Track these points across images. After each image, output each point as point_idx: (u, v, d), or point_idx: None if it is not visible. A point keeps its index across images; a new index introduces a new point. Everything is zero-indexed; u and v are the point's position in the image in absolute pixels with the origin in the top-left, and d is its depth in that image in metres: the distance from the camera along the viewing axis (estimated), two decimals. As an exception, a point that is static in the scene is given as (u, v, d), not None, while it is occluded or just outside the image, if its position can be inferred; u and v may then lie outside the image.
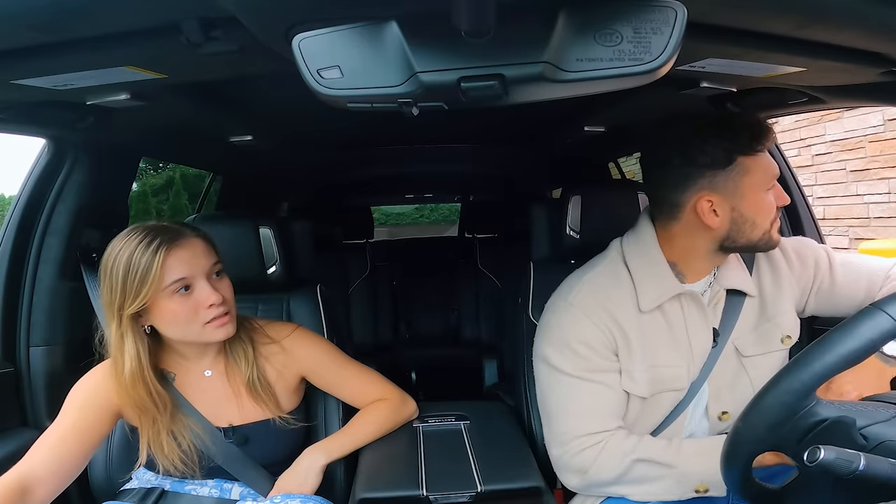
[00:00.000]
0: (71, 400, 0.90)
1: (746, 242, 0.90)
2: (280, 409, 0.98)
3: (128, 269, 0.82)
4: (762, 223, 0.88)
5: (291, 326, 1.04)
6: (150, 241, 0.83)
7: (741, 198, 0.87)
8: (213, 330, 0.88)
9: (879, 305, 0.58)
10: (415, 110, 0.54)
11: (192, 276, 0.86)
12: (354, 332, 2.49)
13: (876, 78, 0.82)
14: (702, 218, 0.89)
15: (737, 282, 0.96)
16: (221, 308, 0.88)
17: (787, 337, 0.96)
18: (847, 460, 0.55)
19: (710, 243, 0.92)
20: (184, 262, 0.85)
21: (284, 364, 1.00)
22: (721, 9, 0.61)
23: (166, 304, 0.84)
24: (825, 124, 3.74)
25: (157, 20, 0.60)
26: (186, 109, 1.08)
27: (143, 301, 0.83)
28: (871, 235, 3.49)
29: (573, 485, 0.94)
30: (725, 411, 0.94)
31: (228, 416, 0.96)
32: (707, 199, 0.88)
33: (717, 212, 0.88)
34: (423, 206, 9.15)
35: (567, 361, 0.93)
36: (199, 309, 0.86)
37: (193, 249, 0.87)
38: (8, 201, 8.21)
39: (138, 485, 0.97)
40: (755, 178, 0.87)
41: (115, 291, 0.83)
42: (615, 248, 1.00)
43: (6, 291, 1.13)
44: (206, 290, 0.86)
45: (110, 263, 0.84)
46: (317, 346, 1.04)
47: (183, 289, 0.85)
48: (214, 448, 0.93)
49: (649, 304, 0.92)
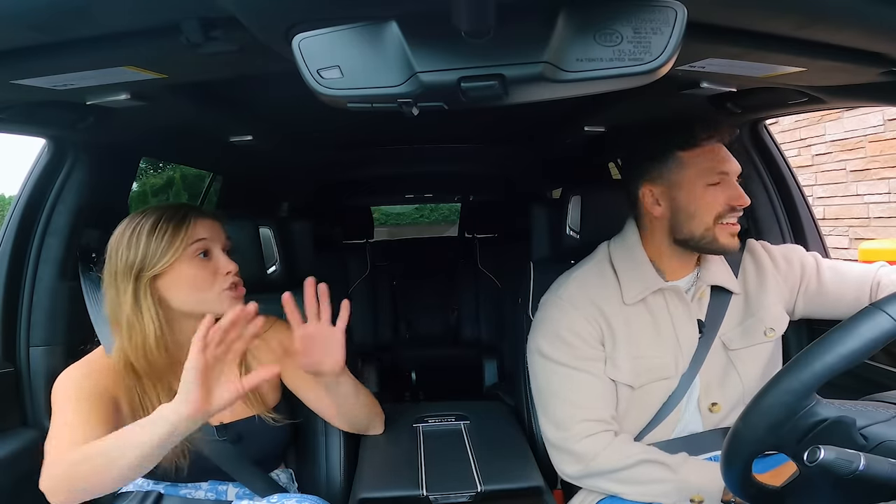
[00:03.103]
0: (66, 395, 0.83)
1: (689, 235, 0.95)
2: (266, 405, 0.97)
3: (154, 230, 0.85)
4: (703, 216, 0.93)
5: (271, 320, 1.02)
6: (178, 209, 0.89)
7: (679, 188, 0.95)
8: (229, 299, 0.90)
9: (879, 305, 0.58)
10: (415, 110, 0.54)
11: (213, 242, 0.91)
12: (354, 332, 2.49)
13: (876, 78, 0.82)
14: (647, 207, 0.98)
15: (719, 279, 1.02)
16: (237, 278, 0.92)
17: (770, 330, 1.01)
18: (847, 460, 0.55)
19: (663, 235, 0.99)
20: (208, 228, 0.91)
21: (266, 358, 0.99)
22: (721, 9, 0.61)
23: (186, 268, 0.87)
24: (825, 124, 3.74)
25: (157, 20, 0.60)
26: (186, 109, 1.08)
27: (171, 258, 0.85)
28: (871, 235, 3.49)
29: (570, 471, 0.95)
30: (715, 402, 0.98)
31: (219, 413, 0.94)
32: (649, 188, 0.98)
33: (660, 201, 0.97)
34: (423, 206, 9.13)
35: (558, 351, 0.98)
36: (218, 275, 0.90)
37: (214, 223, 0.93)
38: (8, 201, 8.21)
39: (134, 488, 0.96)
40: (692, 172, 0.94)
41: (134, 257, 0.85)
42: (602, 250, 1.07)
43: (6, 291, 1.13)
44: (224, 258, 0.91)
45: (129, 231, 0.87)
46: (290, 339, 0.99)
47: (202, 254, 0.89)
48: (209, 446, 0.92)
49: (633, 298, 0.99)
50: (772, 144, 1.40)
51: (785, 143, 3.93)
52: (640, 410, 0.98)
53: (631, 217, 1.05)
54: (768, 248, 1.08)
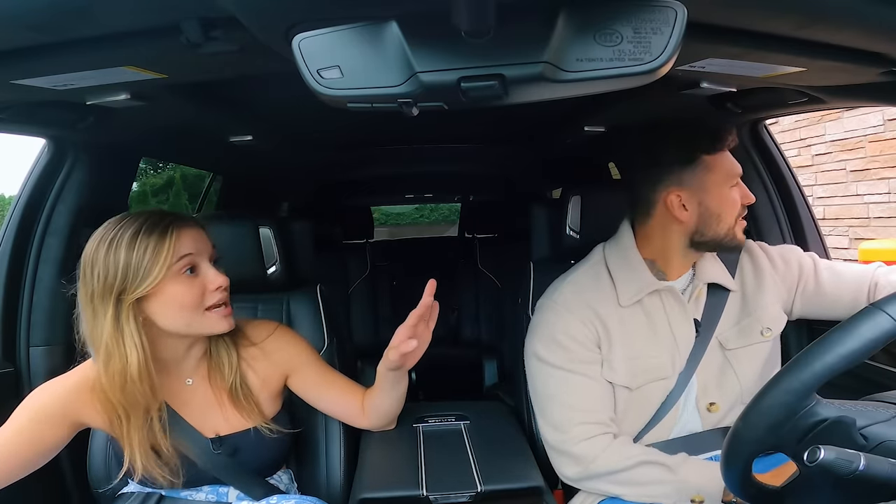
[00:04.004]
0: (27, 406, 0.84)
1: (713, 237, 0.96)
2: (264, 416, 0.93)
3: (132, 249, 0.77)
4: (727, 218, 0.95)
5: (272, 326, 0.99)
6: (157, 221, 0.80)
7: (706, 192, 0.95)
8: (217, 319, 0.85)
9: (879, 305, 0.58)
10: (415, 110, 0.54)
11: (200, 256, 0.84)
12: (354, 332, 2.49)
13: (876, 78, 0.82)
14: (672, 212, 0.96)
15: (715, 276, 1.02)
16: (226, 294, 0.86)
17: (767, 329, 1.01)
18: (847, 460, 0.54)
19: (682, 238, 0.98)
20: (193, 239, 0.83)
21: (266, 369, 0.96)
22: (721, 9, 0.61)
23: (172, 287, 0.80)
24: (825, 124, 3.74)
25: (157, 20, 0.60)
26: (186, 109, 1.08)
27: (156, 279, 0.78)
28: (871, 235, 3.49)
29: (570, 474, 0.96)
30: (713, 402, 0.98)
31: (214, 425, 0.92)
32: (676, 193, 0.96)
33: (686, 206, 0.96)
34: (423, 206, 9.13)
35: (554, 354, 0.98)
36: (206, 291, 0.83)
37: (198, 232, 0.86)
38: (8, 201, 8.20)
39: (136, 489, 0.96)
40: (718, 175, 0.95)
41: (114, 276, 0.77)
42: (598, 253, 1.07)
43: (6, 291, 1.13)
44: (212, 272, 0.84)
45: (103, 250, 0.78)
46: (298, 345, 0.99)
47: (189, 270, 0.82)
48: (204, 458, 0.90)
49: (628, 300, 0.99)
50: (772, 144, 1.40)
51: (785, 143, 3.92)
52: (638, 411, 0.98)
53: (626, 219, 1.05)
54: (766, 248, 1.09)
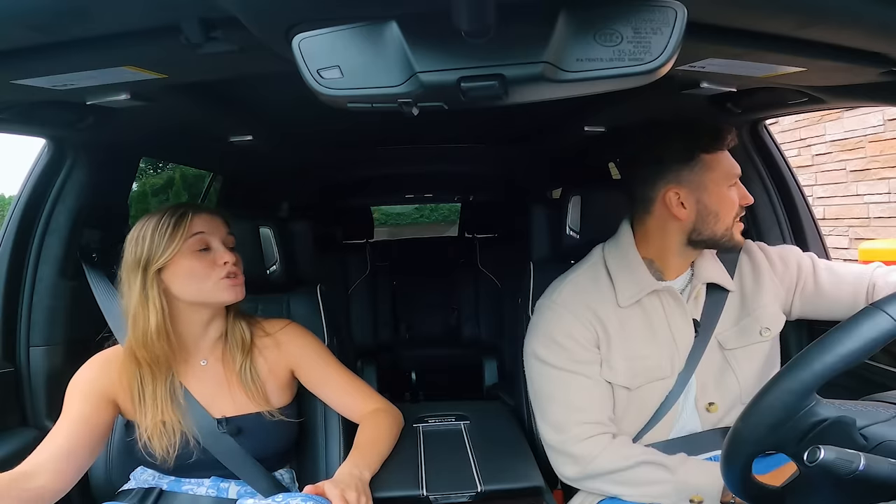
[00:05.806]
0: (73, 391, 0.93)
1: (711, 235, 0.97)
2: (269, 403, 1.00)
3: (157, 228, 0.93)
4: (725, 217, 0.96)
5: (284, 321, 1.08)
6: (178, 208, 0.96)
7: (704, 191, 0.95)
8: (227, 287, 0.95)
9: (879, 305, 0.58)
10: (415, 110, 0.54)
11: (212, 236, 0.96)
12: (354, 332, 2.49)
13: (876, 78, 0.82)
14: (671, 209, 0.97)
15: (714, 276, 1.02)
16: (235, 268, 0.96)
17: (765, 329, 1.01)
18: (847, 460, 0.54)
19: (680, 236, 0.99)
20: (206, 222, 0.96)
21: (276, 359, 1.03)
22: (721, 9, 0.61)
23: (186, 260, 0.93)
24: (825, 124, 3.74)
25: (157, 20, 0.60)
26: (187, 109, 1.08)
27: (172, 252, 0.92)
28: (871, 235, 3.49)
29: (569, 474, 0.96)
30: (712, 402, 0.98)
31: (222, 406, 0.97)
32: (674, 191, 0.96)
33: (685, 203, 0.96)
34: (423, 206, 9.13)
35: (553, 355, 0.98)
36: (215, 265, 0.95)
37: (215, 218, 0.99)
38: (8, 201, 8.20)
39: (136, 485, 0.97)
40: (717, 174, 0.95)
41: (143, 249, 0.92)
42: (597, 253, 1.07)
43: (6, 291, 1.13)
44: (221, 249, 0.96)
45: (138, 229, 0.94)
46: (306, 340, 1.06)
47: (202, 249, 0.95)
48: (210, 439, 0.94)
49: (627, 300, 0.99)
50: (772, 144, 1.40)
51: (785, 143, 3.92)
52: (637, 411, 0.98)
53: (626, 219, 1.05)
54: (765, 248, 1.09)
